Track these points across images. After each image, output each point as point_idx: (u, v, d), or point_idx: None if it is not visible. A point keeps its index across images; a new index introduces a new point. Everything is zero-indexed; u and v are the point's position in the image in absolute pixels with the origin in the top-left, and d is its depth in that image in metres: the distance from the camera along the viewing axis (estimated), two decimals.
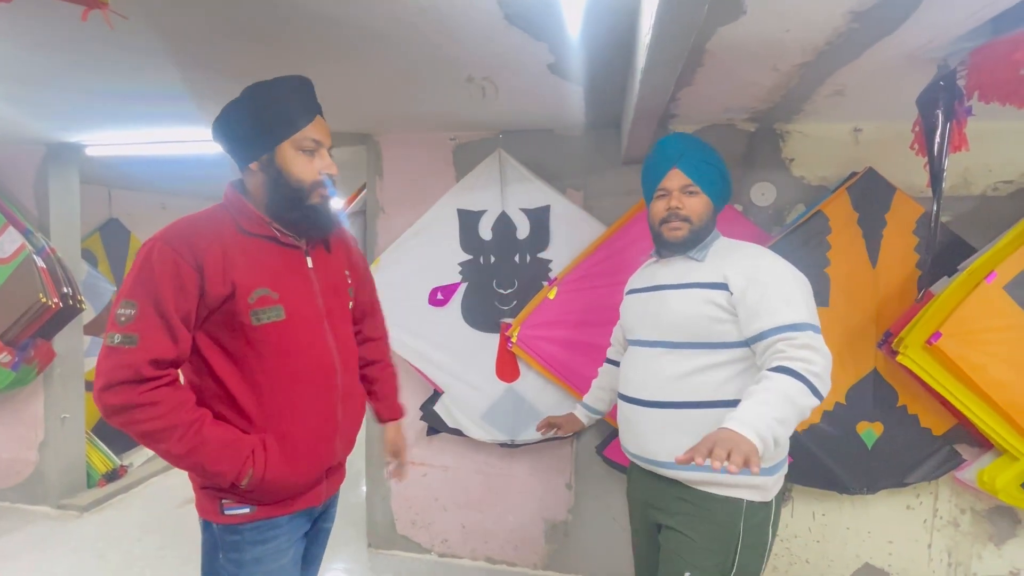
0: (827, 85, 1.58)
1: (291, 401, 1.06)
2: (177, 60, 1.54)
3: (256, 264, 1.04)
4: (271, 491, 1.06)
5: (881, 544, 2.04)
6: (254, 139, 1.03)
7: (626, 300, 1.43)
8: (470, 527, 2.37)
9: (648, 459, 1.26)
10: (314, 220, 1.08)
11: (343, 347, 1.16)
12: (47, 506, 2.81)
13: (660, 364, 1.23)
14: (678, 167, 1.25)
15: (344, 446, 1.19)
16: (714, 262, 1.23)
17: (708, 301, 1.19)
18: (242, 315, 1.01)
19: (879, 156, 1.93)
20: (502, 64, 1.50)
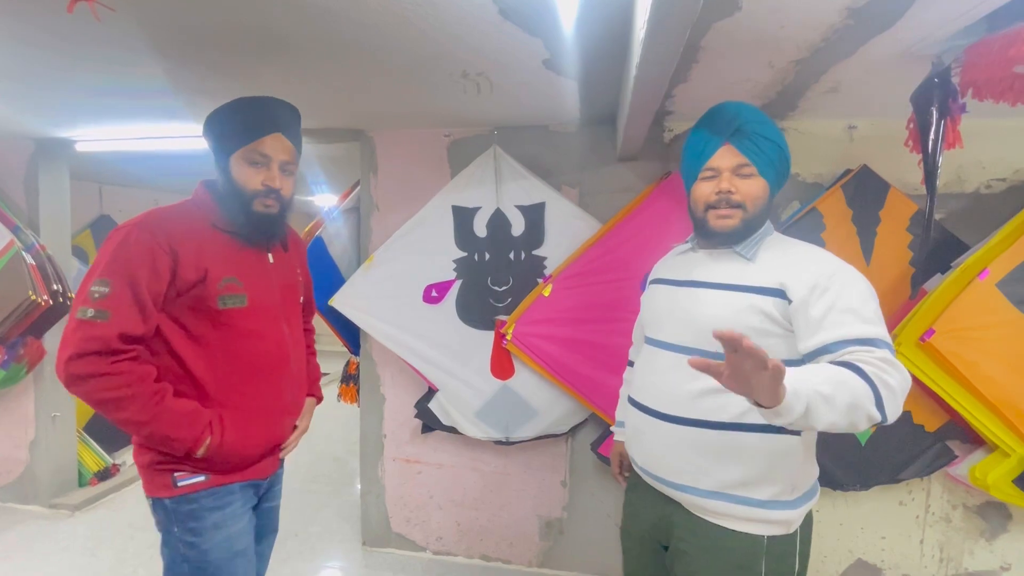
0: (822, 82, 1.58)
1: (246, 379, 1.19)
2: (165, 55, 1.51)
3: (225, 255, 1.18)
4: (225, 459, 1.16)
5: (874, 540, 2.06)
6: (217, 146, 1.19)
7: (649, 290, 1.24)
8: (465, 525, 2.36)
9: (656, 476, 1.12)
10: (255, 226, 1.21)
11: (294, 337, 1.30)
12: (38, 505, 2.78)
13: (682, 373, 1.03)
14: (731, 143, 1.04)
15: (288, 426, 1.32)
16: (767, 263, 1.04)
17: (756, 310, 1.01)
18: (210, 299, 1.13)
19: (873, 153, 1.94)
20: (497, 60, 1.49)
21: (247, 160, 1.16)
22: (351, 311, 2.17)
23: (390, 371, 2.37)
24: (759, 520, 1.02)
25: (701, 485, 1.04)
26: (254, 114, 1.18)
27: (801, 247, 1.08)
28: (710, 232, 1.08)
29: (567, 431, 2.16)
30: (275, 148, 1.18)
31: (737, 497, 1.02)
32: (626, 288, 1.95)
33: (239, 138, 1.16)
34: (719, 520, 1.04)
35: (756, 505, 1.02)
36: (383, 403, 2.40)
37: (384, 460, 2.42)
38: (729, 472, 1.01)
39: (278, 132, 1.19)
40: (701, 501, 1.04)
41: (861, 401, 0.83)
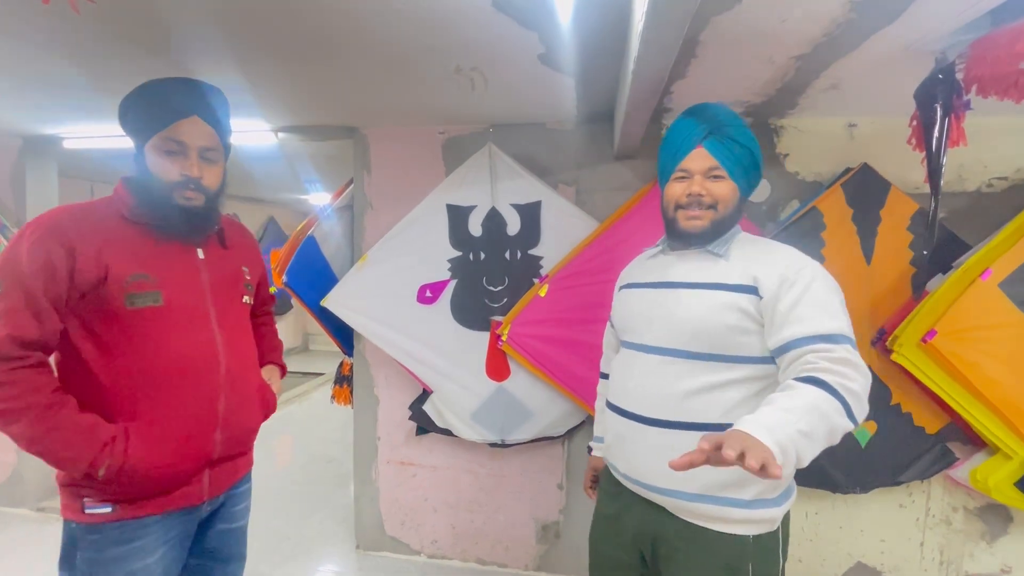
0: (823, 79, 1.55)
1: (164, 389, 1.05)
2: (148, 50, 1.48)
3: (136, 250, 1.06)
4: (132, 483, 1.02)
5: (873, 543, 2.03)
6: (133, 134, 1.09)
7: (621, 296, 1.24)
8: (460, 528, 2.33)
9: (640, 482, 1.09)
10: (179, 220, 1.09)
11: (232, 338, 1.16)
12: (26, 508, 2.74)
13: (666, 376, 1.05)
14: (705, 146, 1.05)
15: (230, 440, 1.16)
16: (740, 260, 1.06)
17: (733, 307, 1.02)
18: (116, 299, 1.01)
19: (874, 152, 1.91)
20: (491, 54, 1.46)
21: (161, 149, 1.05)
22: (344, 311, 2.14)
23: (384, 372, 2.33)
24: (745, 520, 1.03)
25: (687, 488, 1.03)
26: (165, 97, 1.06)
27: (770, 244, 1.11)
28: (680, 232, 1.10)
29: (564, 433, 2.13)
30: (192, 133, 1.07)
31: (723, 499, 1.02)
32: None
33: (151, 125, 1.05)
34: (706, 523, 1.04)
35: (742, 506, 1.02)
36: (377, 405, 2.36)
37: (378, 462, 2.38)
38: (714, 474, 0.98)
39: (194, 115, 1.07)
40: (688, 505, 1.04)
41: (835, 421, 0.87)
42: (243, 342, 1.22)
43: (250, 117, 2.19)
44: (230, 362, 1.14)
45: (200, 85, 1.12)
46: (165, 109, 1.06)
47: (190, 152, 1.07)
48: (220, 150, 1.14)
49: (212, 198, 1.13)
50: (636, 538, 1.15)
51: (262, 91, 1.85)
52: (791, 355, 0.96)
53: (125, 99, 1.09)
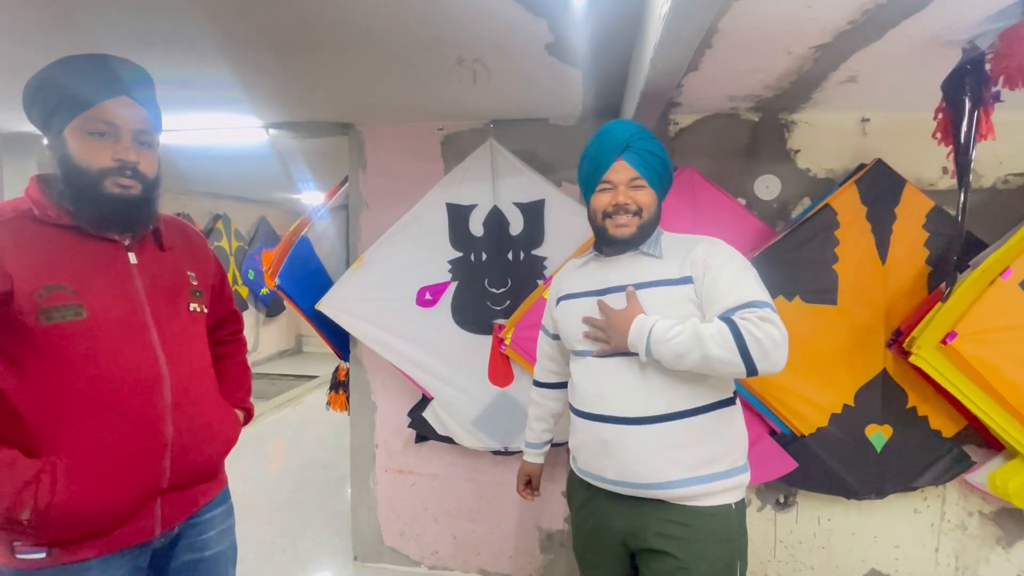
0: (841, 71, 1.49)
1: (93, 414, 0.92)
2: (136, 41, 1.38)
3: (48, 256, 0.91)
4: (63, 526, 0.89)
5: (887, 549, 1.98)
6: (45, 120, 0.94)
7: (563, 307, 1.26)
8: (461, 538, 2.25)
9: (633, 483, 1.12)
10: (110, 212, 0.95)
11: (178, 352, 1.02)
12: None
13: (640, 373, 1.11)
14: (624, 158, 1.14)
15: (183, 467, 1.01)
16: (673, 257, 1.15)
17: (685, 299, 1.11)
18: (26, 314, 0.87)
19: (887, 147, 1.85)
20: (496, 44, 1.38)
21: (87, 131, 0.92)
22: (339, 315, 2.05)
23: (381, 378, 2.25)
24: (727, 489, 1.13)
25: (679, 475, 1.09)
26: (90, 73, 0.94)
27: (690, 237, 1.20)
28: (610, 239, 1.17)
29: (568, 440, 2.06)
30: (123, 115, 0.94)
31: (708, 475, 1.10)
32: None
33: (74, 103, 0.91)
34: (698, 501, 1.11)
35: (723, 477, 1.12)
36: (374, 411, 2.28)
37: (376, 471, 2.30)
38: (698, 455, 1.10)
39: (124, 95, 0.95)
40: (682, 491, 1.09)
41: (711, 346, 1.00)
42: (193, 356, 1.07)
43: (240, 113, 2.10)
44: (177, 380, 1.00)
45: (126, 62, 0.98)
46: (89, 88, 0.92)
47: (122, 135, 0.94)
48: (155, 134, 1.01)
49: (150, 187, 0.98)
50: (624, 538, 1.18)
51: (252, 86, 1.76)
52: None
53: (32, 81, 0.94)
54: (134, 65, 1.00)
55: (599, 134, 1.20)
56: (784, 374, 1.78)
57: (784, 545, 2.04)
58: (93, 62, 0.95)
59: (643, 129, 1.18)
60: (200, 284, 1.12)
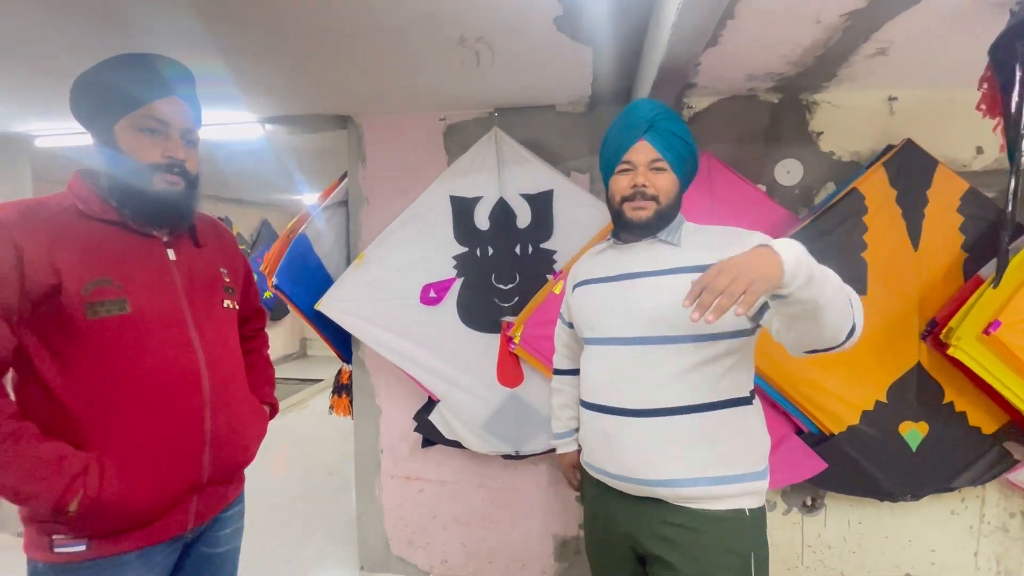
0: (872, 42, 1.39)
1: (137, 409, 0.93)
2: (123, 35, 1.30)
3: (94, 251, 0.92)
4: (109, 519, 0.90)
5: (923, 553, 1.87)
6: (94, 117, 0.96)
7: (578, 293, 1.22)
8: (472, 546, 2.16)
9: (634, 479, 1.06)
10: (158, 208, 0.98)
11: (215, 348, 1.03)
12: (8, 533, 2.56)
13: (647, 364, 1.05)
14: (646, 139, 1.08)
15: (221, 463, 1.04)
16: (693, 246, 1.09)
17: None
18: (74, 308, 0.88)
19: (917, 127, 1.75)
20: (500, 20, 1.29)
21: (139, 127, 0.94)
22: (340, 315, 1.96)
23: (386, 380, 2.16)
24: (740, 494, 1.03)
25: (683, 474, 1.02)
26: (143, 72, 0.96)
27: (717, 228, 1.13)
28: (627, 223, 1.11)
29: None
30: (173, 114, 0.97)
31: (717, 477, 1.02)
32: None
33: (126, 101, 0.94)
34: (704, 505, 1.03)
35: (735, 480, 1.03)
36: (379, 415, 2.19)
37: (382, 477, 2.21)
38: (706, 453, 1.02)
39: (174, 95, 0.98)
40: (685, 491, 1.02)
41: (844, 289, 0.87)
42: (227, 352, 1.08)
43: (233, 108, 2.01)
44: (214, 375, 1.01)
45: (175, 63, 1.01)
46: (142, 86, 0.94)
47: (172, 133, 0.97)
48: (197, 135, 1.03)
49: (192, 184, 1.01)
50: (627, 541, 1.12)
51: (244, 77, 1.67)
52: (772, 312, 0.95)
53: (84, 78, 0.96)
54: (182, 66, 1.02)
55: (623, 112, 1.13)
56: (811, 369, 1.70)
57: (812, 550, 1.93)
58: (145, 62, 0.97)
59: (670, 110, 1.11)
60: (232, 281, 1.15)
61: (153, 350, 0.94)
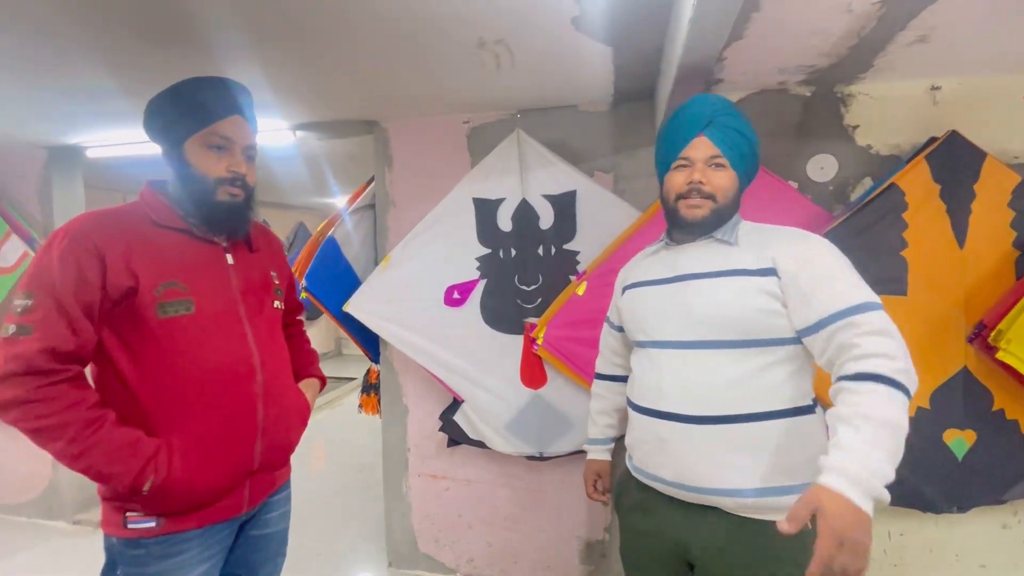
0: (910, 30, 1.32)
1: (201, 400, 1.02)
2: (173, 51, 1.37)
3: (165, 256, 1.02)
4: (176, 498, 0.99)
5: (971, 569, 1.77)
6: (166, 132, 1.05)
7: (629, 296, 1.19)
8: (497, 546, 2.17)
9: (691, 487, 1.02)
10: (221, 217, 1.08)
11: (266, 346, 1.12)
12: (63, 521, 2.73)
13: (705, 368, 1.01)
14: (706, 134, 1.05)
15: (271, 450, 1.13)
16: (750, 245, 1.04)
17: (760, 290, 0.99)
18: (147, 308, 0.98)
19: (962, 117, 1.65)
20: (518, 21, 1.28)
21: (207, 144, 1.04)
22: (367, 317, 2.00)
23: (412, 380, 2.20)
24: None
25: (746, 484, 0.98)
26: (212, 93, 1.06)
27: (777, 228, 1.08)
28: (681, 222, 1.09)
29: None
30: (237, 131, 1.06)
31: (781, 488, 0.97)
32: None
33: (196, 120, 1.03)
34: (767, 515, 0.98)
35: (798, 491, 0.96)
36: (406, 414, 2.23)
37: (409, 475, 2.25)
38: (770, 463, 0.97)
39: (238, 115, 1.07)
40: (746, 501, 0.98)
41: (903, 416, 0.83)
42: (277, 349, 1.18)
43: (267, 116, 2.08)
44: (266, 370, 1.11)
45: (238, 85, 1.11)
46: (210, 107, 1.04)
47: (235, 149, 1.06)
48: (255, 151, 1.13)
49: (250, 196, 1.11)
50: (676, 548, 1.08)
51: (278, 86, 1.73)
52: (824, 334, 0.92)
53: (158, 98, 1.06)
54: (244, 87, 1.12)
55: (682, 107, 1.10)
56: None
57: None
58: (214, 84, 1.07)
59: (730, 105, 1.08)
60: (280, 283, 1.24)
61: (213, 347, 1.03)
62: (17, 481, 2.80)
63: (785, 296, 0.98)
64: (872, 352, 0.86)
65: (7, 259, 2.49)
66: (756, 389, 0.98)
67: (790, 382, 0.99)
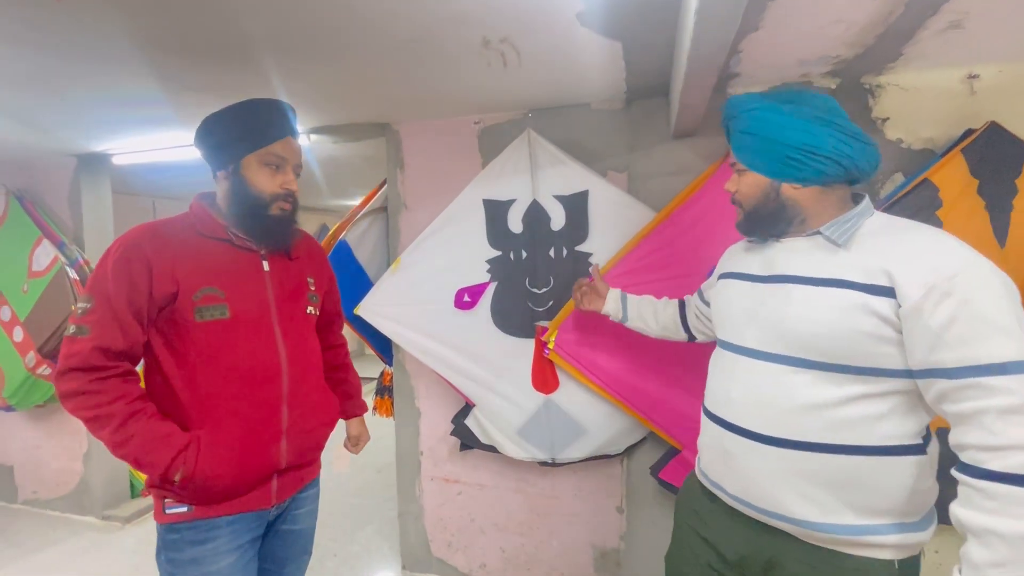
0: (942, 15, 1.23)
1: (228, 399, 1.09)
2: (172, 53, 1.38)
3: (206, 264, 1.10)
4: (203, 490, 1.07)
5: None
6: (224, 149, 1.13)
7: (720, 286, 1.10)
8: (510, 552, 2.14)
9: (755, 506, 0.95)
10: (272, 230, 1.17)
11: (295, 350, 1.19)
12: (93, 516, 2.82)
13: (785, 387, 0.90)
14: (730, 142, 1.05)
15: (296, 449, 1.19)
16: (867, 251, 0.87)
17: (867, 310, 0.83)
18: (186, 312, 1.06)
19: (1003, 108, 1.54)
20: (521, 19, 1.25)
21: (263, 162, 1.13)
22: (378, 320, 2.00)
23: (425, 383, 2.19)
24: (890, 545, 0.87)
25: (815, 517, 0.89)
26: (270, 116, 1.15)
27: (912, 231, 0.87)
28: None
29: (622, 451, 1.89)
30: (289, 151, 1.16)
31: (863, 527, 0.87)
32: (687, 286, 1.64)
33: (254, 140, 1.12)
34: (842, 548, 0.89)
35: (885, 532, 0.87)
36: (419, 417, 2.22)
37: (422, 479, 2.24)
38: (852, 501, 0.87)
39: (290, 135, 1.17)
40: (820, 534, 0.90)
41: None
42: (306, 352, 1.24)
43: None
44: (293, 373, 1.17)
45: (288, 107, 1.20)
46: (267, 129, 1.13)
47: (287, 167, 1.16)
48: (302, 166, 1.22)
49: (296, 208, 1.20)
50: (742, 562, 1.00)
51: (290, 92, 1.74)
52: (941, 388, 0.78)
53: (216, 117, 1.13)
54: (292, 108, 1.21)
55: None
56: None
57: None
58: (270, 108, 1.16)
59: (742, 103, 1.00)
60: (317, 289, 1.31)
61: (244, 350, 1.11)
62: (50, 477, 2.91)
63: (903, 324, 0.81)
64: (1009, 444, 0.71)
65: (40, 263, 2.58)
66: (843, 419, 0.86)
67: (892, 417, 0.85)
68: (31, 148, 2.49)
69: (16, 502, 3.01)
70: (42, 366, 2.58)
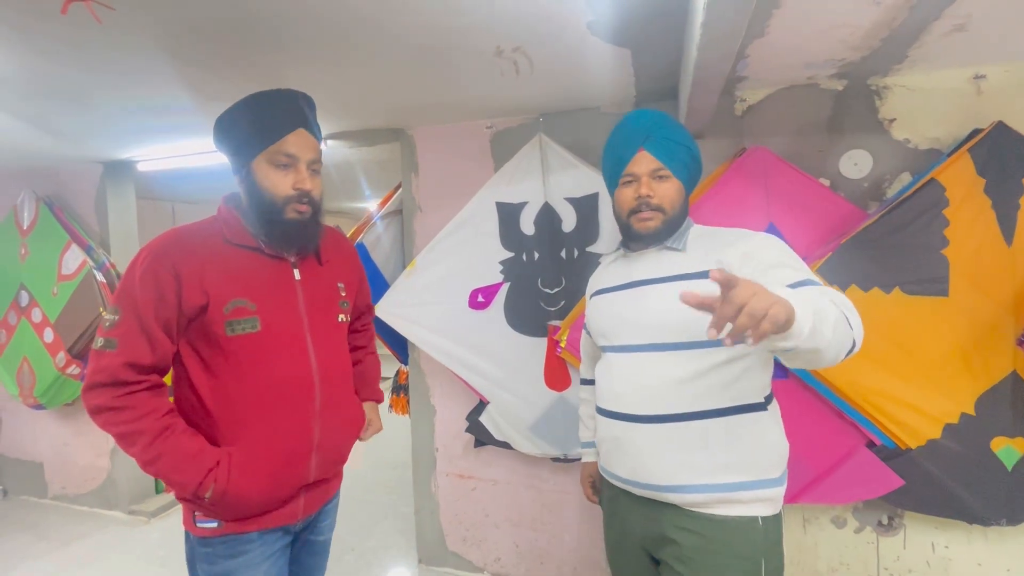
0: (946, 18, 1.25)
1: (261, 415, 1.05)
2: (185, 59, 1.45)
3: (235, 274, 1.05)
4: (234, 507, 1.04)
5: None
6: (234, 154, 1.07)
7: (593, 303, 1.24)
8: (524, 547, 2.19)
9: (644, 483, 1.07)
10: (290, 235, 1.08)
11: (327, 361, 1.14)
12: (119, 511, 2.92)
13: (654, 371, 1.06)
14: (646, 148, 1.09)
15: (324, 464, 1.16)
16: (699, 250, 1.08)
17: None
18: (216, 325, 1.02)
19: (1010, 107, 1.56)
20: (534, 29, 1.30)
21: (272, 163, 1.04)
22: (394, 320, 2.06)
23: (439, 381, 2.24)
24: (752, 500, 1.03)
25: (694, 480, 1.03)
26: (273, 109, 1.05)
27: (723, 230, 1.12)
28: (635, 235, 1.12)
29: None
30: (301, 146, 1.05)
31: (730, 484, 1.02)
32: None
33: (260, 139, 1.03)
34: (715, 510, 1.03)
35: (746, 488, 1.02)
36: (434, 415, 2.27)
37: (437, 475, 2.29)
38: (715, 459, 1.02)
39: (301, 128, 1.06)
40: (696, 497, 1.03)
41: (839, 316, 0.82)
42: (337, 363, 1.19)
43: None
44: (324, 387, 1.13)
45: (301, 95, 1.09)
46: (273, 123, 1.04)
47: (300, 165, 1.06)
48: (321, 162, 1.11)
49: (318, 210, 1.10)
50: (643, 542, 1.13)
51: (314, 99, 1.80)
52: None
53: (225, 116, 1.07)
54: (305, 95, 1.10)
55: (618, 125, 1.16)
56: (883, 378, 1.56)
57: (890, 573, 1.77)
58: (275, 99, 1.06)
59: (665, 117, 1.13)
60: (347, 294, 1.25)
61: (277, 364, 1.07)
62: (78, 473, 3.01)
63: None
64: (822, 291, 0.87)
65: (69, 267, 2.68)
66: (703, 388, 1.02)
67: (741, 381, 1.02)
68: (60, 157, 2.59)
69: (46, 497, 3.12)
70: (71, 366, 2.68)
